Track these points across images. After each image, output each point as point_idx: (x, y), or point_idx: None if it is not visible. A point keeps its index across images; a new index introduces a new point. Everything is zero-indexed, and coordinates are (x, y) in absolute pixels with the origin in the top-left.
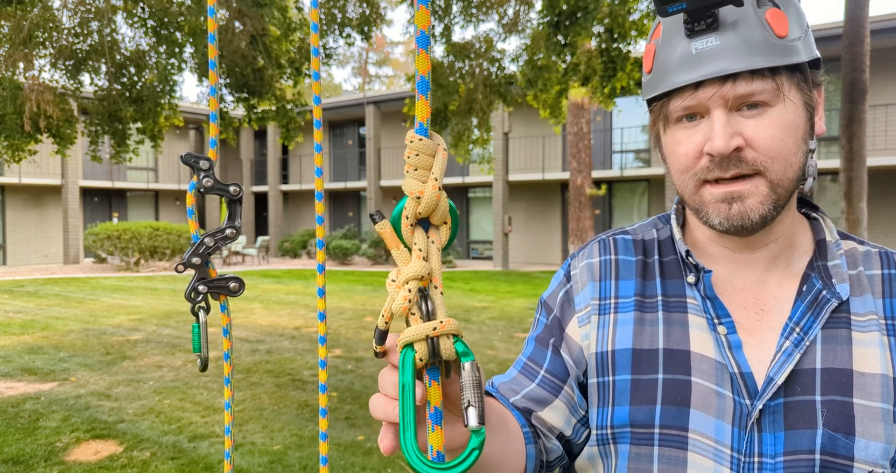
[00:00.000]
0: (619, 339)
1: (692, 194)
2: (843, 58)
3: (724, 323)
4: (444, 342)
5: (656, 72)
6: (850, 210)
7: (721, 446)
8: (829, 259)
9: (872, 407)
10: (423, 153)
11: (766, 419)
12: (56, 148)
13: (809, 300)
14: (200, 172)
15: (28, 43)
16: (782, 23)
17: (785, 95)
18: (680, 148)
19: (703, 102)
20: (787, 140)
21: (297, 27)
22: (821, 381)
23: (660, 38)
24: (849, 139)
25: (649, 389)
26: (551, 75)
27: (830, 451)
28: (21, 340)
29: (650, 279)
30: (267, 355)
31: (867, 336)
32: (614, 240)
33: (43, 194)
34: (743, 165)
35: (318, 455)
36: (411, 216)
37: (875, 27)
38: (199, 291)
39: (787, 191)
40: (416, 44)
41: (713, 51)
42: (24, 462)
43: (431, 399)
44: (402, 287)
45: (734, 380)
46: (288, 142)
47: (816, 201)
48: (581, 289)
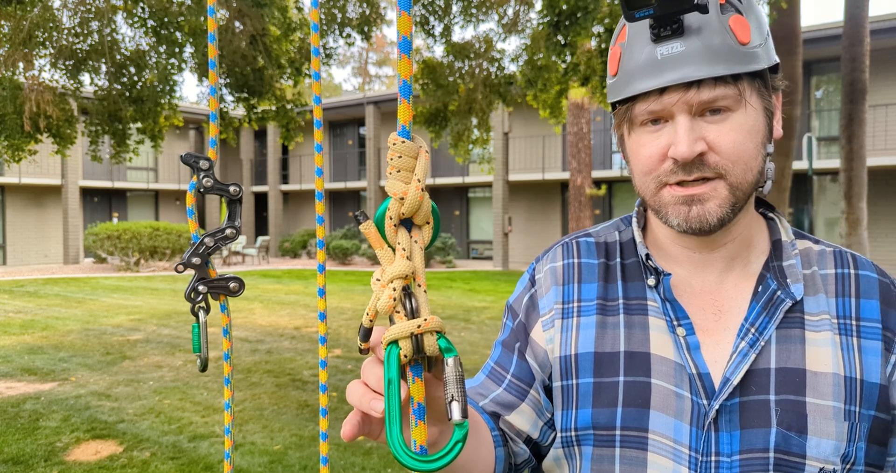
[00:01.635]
0: (581, 343)
1: (653, 195)
2: (843, 58)
3: (682, 325)
4: (428, 339)
5: (621, 75)
6: (850, 210)
7: (680, 446)
8: (784, 259)
9: (824, 406)
10: (405, 155)
11: (723, 418)
12: (56, 148)
13: (764, 300)
14: (200, 172)
15: (28, 43)
16: (745, 29)
17: (746, 101)
18: (644, 151)
19: (668, 107)
20: (748, 145)
21: (297, 27)
22: (775, 381)
23: (625, 41)
24: (849, 139)
25: (610, 392)
26: (551, 75)
27: (784, 449)
28: (21, 340)
29: (612, 282)
30: (267, 355)
31: (820, 336)
32: (577, 243)
33: (43, 194)
34: (705, 169)
35: (318, 455)
36: (395, 217)
37: (875, 27)
38: (199, 291)
39: (746, 194)
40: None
41: (678, 57)
42: (24, 462)
43: (415, 395)
44: (387, 286)
45: (692, 381)
46: (288, 142)
47: (816, 201)
48: (545, 293)
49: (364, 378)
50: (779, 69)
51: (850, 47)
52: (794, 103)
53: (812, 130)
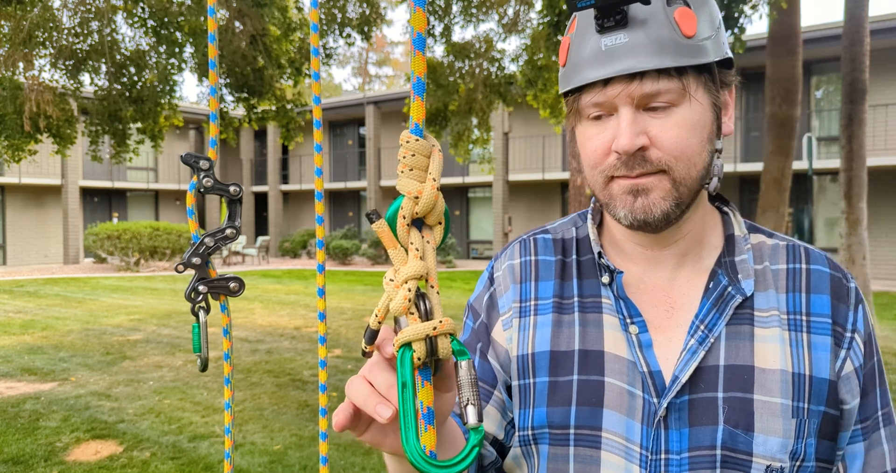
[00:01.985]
0: (538, 341)
1: (601, 189)
2: (843, 58)
3: (635, 323)
4: (442, 342)
5: (569, 66)
6: (850, 210)
7: (631, 444)
8: (736, 254)
9: (772, 403)
10: (419, 154)
11: (672, 416)
12: (56, 148)
13: (715, 296)
14: (200, 172)
15: (28, 43)
16: (691, 22)
17: (691, 96)
18: (590, 144)
19: (611, 99)
20: (692, 140)
21: (297, 27)
22: (723, 378)
23: (574, 32)
24: (849, 139)
25: (565, 391)
26: (551, 75)
27: (731, 446)
28: (21, 340)
29: (568, 280)
30: (267, 355)
31: (768, 332)
32: (535, 240)
33: (43, 194)
34: (647, 164)
35: (318, 454)
36: (408, 216)
37: (875, 27)
38: (199, 291)
39: (690, 190)
40: (412, 45)
41: (622, 48)
42: (24, 462)
43: (424, 399)
44: (402, 287)
45: (644, 379)
46: (288, 142)
47: (816, 201)
48: (504, 292)
49: (371, 379)
50: (732, 64)
51: (850, 47)
52: (793, 103)
53: (812, 130)
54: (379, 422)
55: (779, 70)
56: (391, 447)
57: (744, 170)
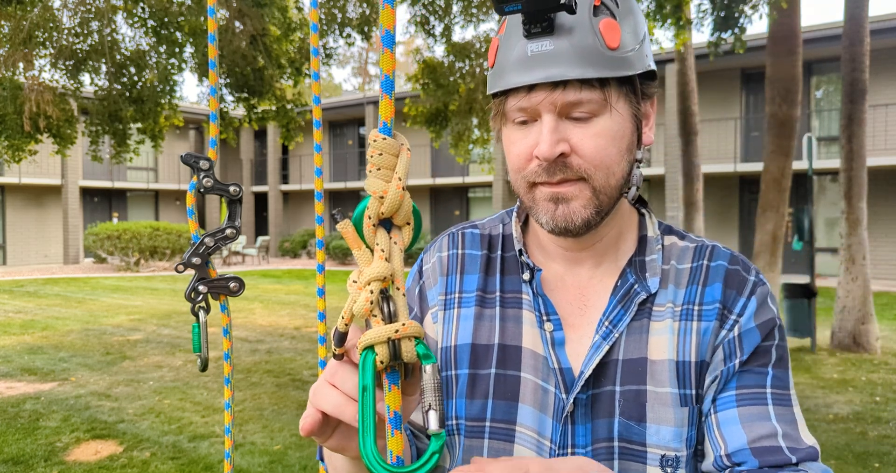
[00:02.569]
0: (461, 334)
1: (525, 193)
2: (843, 58)
3: (551, 320)
4: (406, 345)
5: (497, 68)
6: (850, 210)
7: (543, 438)
8: (647, 254)
9: (662, 393)
10: (386, 153)
11: (578, 411)
12: (56, 148)
13: (621, 294)
14: (200, 172)
15: (28, 43)
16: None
17: (612, 106)
18: (514, 148)
19: (535, 105)
20: (611, 150)
21: (297, 27)
22: (621, 371)
23: (503, 33)
24: (849, 139)
25: (483, 384)
26: None
27: (626, 438)
28: (21, 340)
29: (492, 275)
30: (267, 355)
31: (661, 325)
32: (463, 234)
33: (43, 194)
34: (568, 171)
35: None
36: (374, 216)
37: (875, 27)
38: (200, 291)
39: (610, 198)
40: (380, 43)
41: (546, 55)
42: (24, 462)
43: (391, 404)
44: (364, 288)
45: (555, 375)
46: (288, 142)
47: (816, 201)
48: (433, 285)
49: (337, 384)
50: (655, 76)
51: (850, 47)
52: (793, 103)
53: (812, 130)
54: (343, 428)
55: (779, 70)
56: (355, 452)
57: (744, 170)
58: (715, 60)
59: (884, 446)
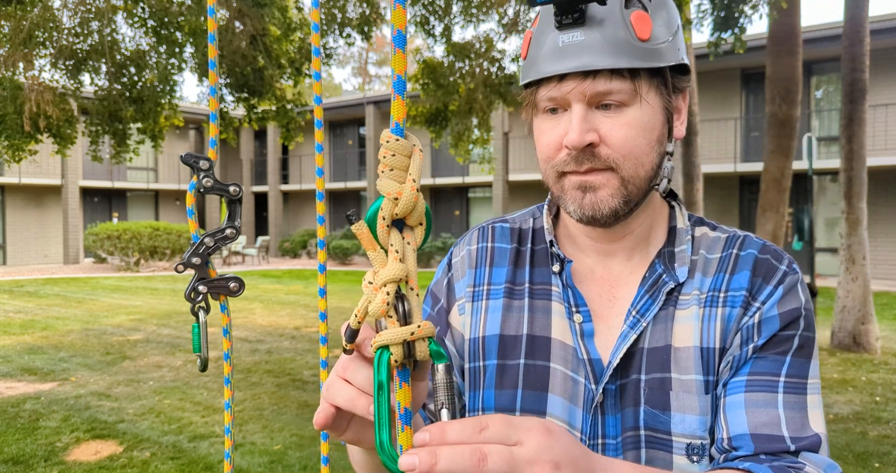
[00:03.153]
0: (489, 325)
1: (554, 183)
2: (843, 58)
3: (580, 312)
4: (420, 345)
5: (529, 59)
6: (850, 210)
7: (573, 429)
8: (676, 245)
9: (687, 380)
10: (399, 153)
11: (608, 402)
12: (56, 148)
13: (649, 284)
14: (200, 172)
15: (28, 43)
16: (646, 26)
17: (642, 97)
18: (543, 138)
19: (565, 95)
20: (640, 140)
21: (297, 27)
22: (646, 360)
23: (536, 26)
24: (849, 139)
25: (512, 374)
26: None
27: (652, 427)
28: (21, 340)
29: (521, 267)
30: (267, 355)
31: (686, 312)
32: (493, 228)
33: (43, 194)
34: (596, 161)
35: (318, 454)
36: (388, 217)
37: (875, 27)
38: (199, 291)
39: (638, 189)
40: (392, 43)
41: (577, 46)
42: (24, 462)
43: (401, 400)
44: (380, 290)
45: (584, 366)
46: (288, 142)
47: (816, 201)
48: (461, 278)
49: (349, 378)
50: (688, 70)
51: (850, 47)
52: (793, 103)
53: (812, 130)
54: (357, 420)
55: (779, 70)
56: (370, 443)
57: (744, 170)
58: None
59: (884, 446)
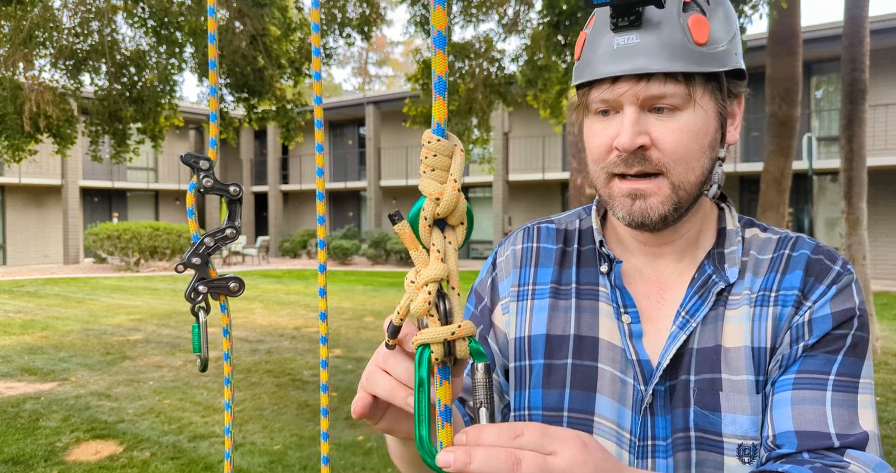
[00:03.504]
0: (535, 325)
1: (603, 185)
2: (843, 58)
3: (629, 312)
4: (461, 344)
5: (583, 60)
6: (850, 210)
7: (622, 430)
8: (726, 246)
9: (738, 381)
10: (440, 154)
11: (658, 403)
12: (56, 148)
13: (699, 284)
14: (200, 172)
15: (28, 43)
16: (703, 30)
17: (696, 102)
18: (594, 140)
19: (618, 97)
20: (692, 145)
21: (297, 27)
22: (695, 361)
23: (591, 27)
24: (849, 139)
25: (559, 373)
26: (551, 75)
27: (702, 428)
28: (21, 340)
29: (567, 267)
30: (267, 355)
31: (736, 312)
32: (538, 229)
33: (43, 194)
34: (646, 164)
35: (318, 455)
36: (430, 217)
37: (875, 27)
38: (199, 291)
39: (689, 194)
40: (433, 44)
41: (632, 48)
42: (24, 462)
43: (441, 397)
44: (422, 289)
45: (633, 367)
46: (288, 142)
47: (816, 201)
48: (505, 277)
49: (389, 370)
50: (744, 76)
51: (850, 47)
52: (793, 103)
53: (812, 130)
54: (394, 411)
55: (779, 70)
56: (405, 433)
57: (744, 170)
58: None
59: (884, 446)
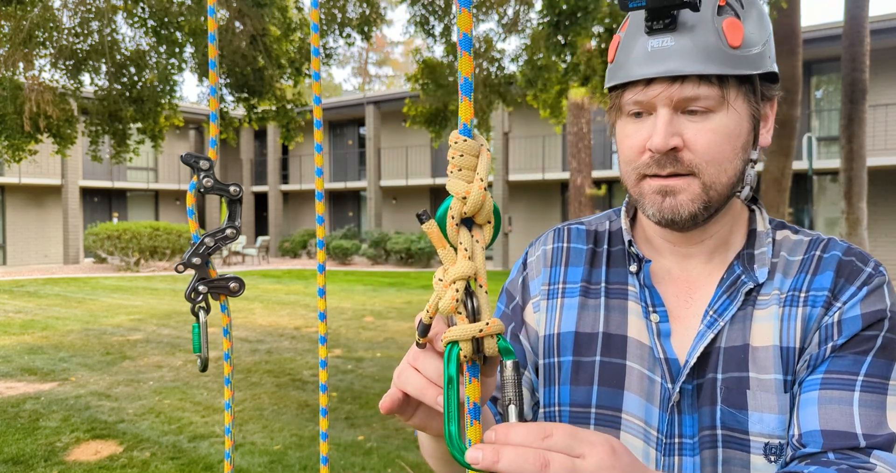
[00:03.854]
0: (564, 322)
1: (634, 185)
2: (843, 58)
3: (657, 311)
4: (489, 342)
5: (616, 63)
6: (850, 210)
7: (650, 428)
8: (756, 248)
9: (766, 380)
10: (467, 154)
11: (685, 401)
12: (56, 148)
13: (728, 284)
14: (200, 172)
15: (28, 43)
16: (737, 33)
17: (730, 104)
18: (627, 141)
19: (651, 99)
20: (725, 147)
21: (297, 27)
22: (722, 359)
23: (625, 30)
24: (849, 139)
25: (587, 370)
26: (551, 75)
27: (729, 426)
28: (21, 340)
29: (597, 267)
30: (267, 355)
31: (765, 312)
32: (568, 229)
33: (43, 194)
34: (678, 165)
35: (318, 455)
36: (457, 216)
37: (875, 27)
38: (200, 291)
39: (720, 194)
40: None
41: (667, 51)
42: (24, 462)
43: (471, 395)
44: (450, 287)
45: (661, 365)
46: (288, 142)
47: (816, 201)
48: (536, 276)
49: (420, 367)
50: (777, 79)
51: (850, 47)
52: (794, 103)
53: (812, 130)
54: (425, 408)
55: (779, 70)
56: (437, 430)
57: None
58: None
59: None
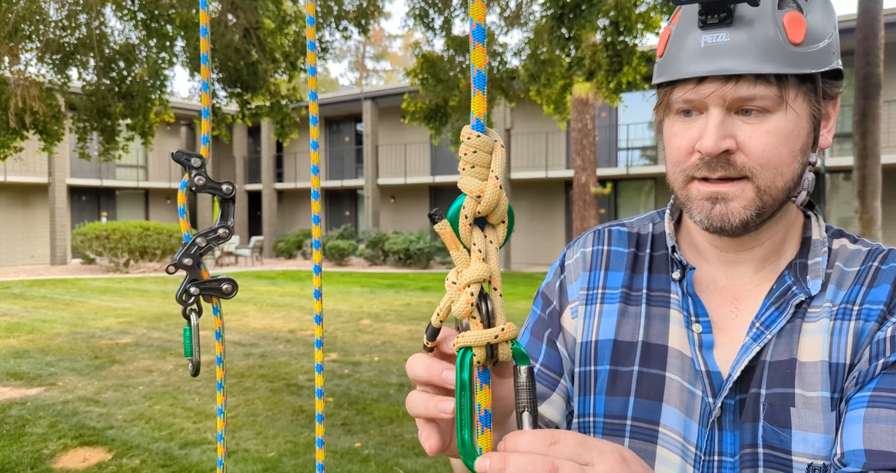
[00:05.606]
0: (602, 330)
1: (681, 188)
2: (857, 52)
3: (700, 321)
4: (503, 347)
5: (666, 58)
6: (864, 209)
7: (688, 444)
8: (810, 257)
9: (812, 397)
10: (480, 150)
11: (726, 417)
12: (43, 145)
13: (777, 296)
14: (192, 170)
15: (14, 36)
16: (799, 29)
17: (788, 104)
18: (675, 141)
19: (703, 98)
20: (782, 149)
21: (292, 20)
22: (767, 374)
23: (676, 23)
24: (862, 136)
25: (625, 381)
26: (555, 70)
27: (771, 444)
28: (6, 343)
29: (638, 273)
30: (261, 359)
31: (814, 325)
32: (609, 231)
33: (29, 193)
34: (731, 169)
35: (314, 462)
36: (470, 216)
37: (889, 20)
38: (191, 293)
39: (775, 199)
40: (471, 37)
41: (722, 47)
42: (10, 469)
43: (482, 402)
44: (464, 291)
45: (702, 379)
46: (283, 139)
47: (829, 200)
48: (574, 280)
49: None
50: (841, 76)
51: (863, 41)
52: None
53: None
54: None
55: None
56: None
57: None
58: None
59: None
